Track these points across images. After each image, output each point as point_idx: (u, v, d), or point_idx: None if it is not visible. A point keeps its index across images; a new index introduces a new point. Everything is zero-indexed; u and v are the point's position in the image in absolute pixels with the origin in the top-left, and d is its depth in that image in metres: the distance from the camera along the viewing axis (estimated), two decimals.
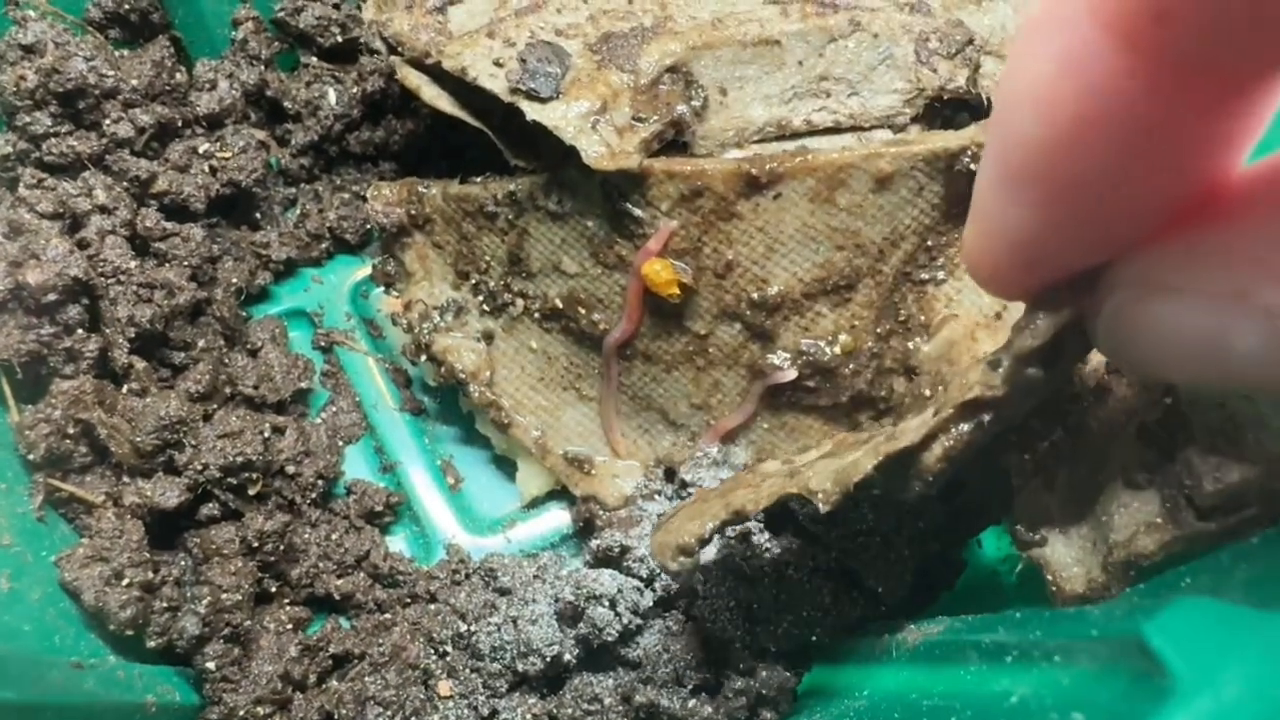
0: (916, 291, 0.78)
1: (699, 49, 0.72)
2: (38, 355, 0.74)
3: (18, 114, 0.81)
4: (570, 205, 0.79)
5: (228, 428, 0.78)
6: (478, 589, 0.81)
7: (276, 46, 0.96)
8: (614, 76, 0.73)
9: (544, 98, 0.73)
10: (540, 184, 0.79)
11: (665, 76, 0.72)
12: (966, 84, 0.79)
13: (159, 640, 0.72)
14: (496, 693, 0.76)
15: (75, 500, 0.75)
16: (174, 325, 0.82)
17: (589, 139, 0.71)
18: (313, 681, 0.76)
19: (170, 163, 0.85)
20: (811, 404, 0.79)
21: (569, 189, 0.78)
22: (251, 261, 0.91)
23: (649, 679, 0.74)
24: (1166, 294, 0.35)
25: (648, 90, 0.72)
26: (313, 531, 0.82)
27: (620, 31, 0.76)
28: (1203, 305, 0.34)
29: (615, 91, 0.72)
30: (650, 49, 0.74)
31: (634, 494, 0.83)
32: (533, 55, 0.74)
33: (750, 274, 0.75)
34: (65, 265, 0.74)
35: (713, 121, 0.75)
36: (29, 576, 0.67)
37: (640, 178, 0.72)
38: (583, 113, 0.72)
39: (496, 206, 0.82)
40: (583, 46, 0.75)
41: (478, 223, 0.84)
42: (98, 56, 0.83)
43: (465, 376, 0.84)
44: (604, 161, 0.71)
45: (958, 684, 0.56)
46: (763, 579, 0.74)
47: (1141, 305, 0.37)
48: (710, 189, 0.72)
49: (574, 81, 0.73)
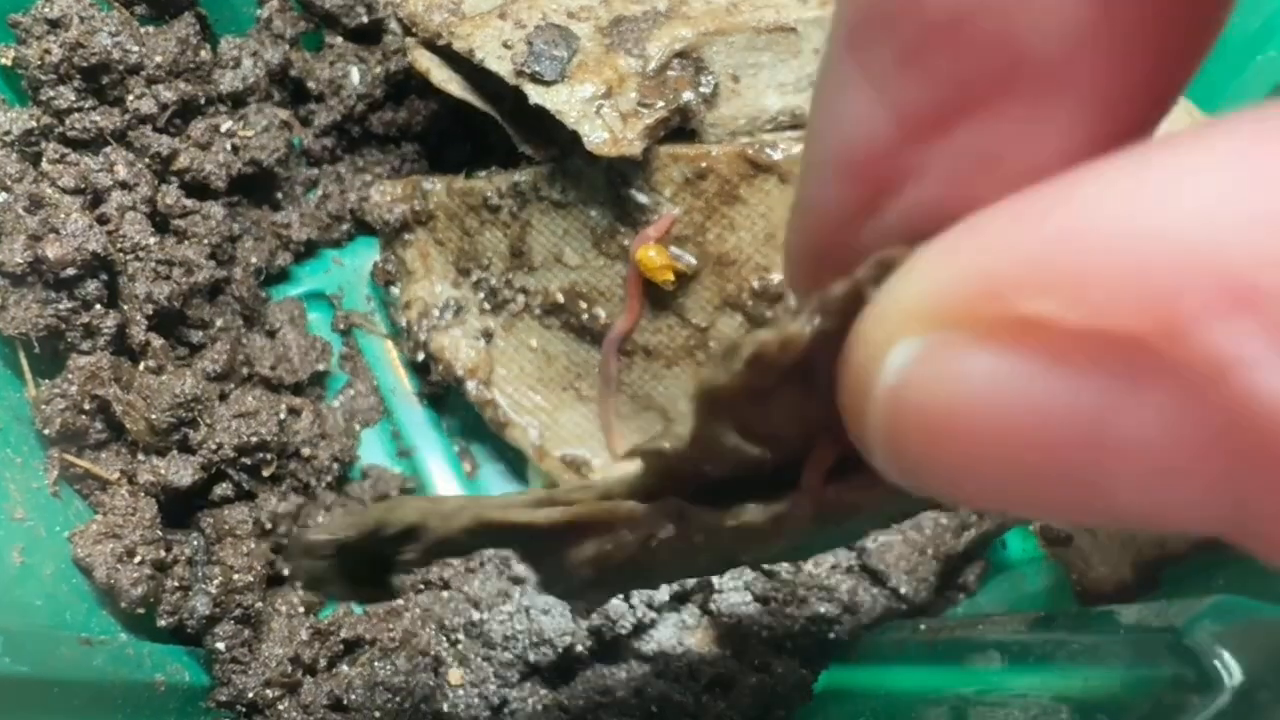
0: None
1: (711, 35, 0.71)
2: (55, 330, 0.74)
3: (42, 88, 0.80)
4: (574, 195, 0.78)
5: (243, 408, 0.77)
6: (492, 577, 0.80)
7: (302, 26, 0.95)
8: (621, 61, 0.72)
9: (548, 81, 0.71)
10: (545, 174, 0.78)
11: (675, 62, 0.71)
12: None
13: (169, 619, 0.71)
14: (507, 682, 0.75)
15: (90, 476, 0.74)
16: (192, 303, 0.81)
17: (592, 124, 0.70)
18: (323, 665, 0.76)
19: (192, 140, 0.85)
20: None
21: (573, 178, 0.77)
22: (272, 242, 0.90)
23: (662, 673, 0.73)
24: (1007, 335, 0.18)
25: (656, 76, 0.71)
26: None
27: (633, 15, 0.75)
28: (1086, 365, 0.17)
29: (622, 76, 0.71)
30: (660, 34, 0.73)
31: None
32: (540, 38, 0.73)
33: (753, 262, 0.73)
34: (85, 240, 0.74)
35: (724, 109, 0.73)
36: (41, 551, 0.67)
37: (644, 162, 0.71)
38: (587, 97, 0.71)
39: (500, 199, 0.81)
40: (593, 30, 0.74)
41: (481, 217, 0.83)
42: (123, 32, 0.82)
43: (463, 374, 0.83)
44: (606, 147, 0.70)
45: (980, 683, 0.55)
46: (780, 572, 0.73)
47: (954, 355, 0.19)
48: (714, 171, 0.71)
49: (580, 65, 0.72)
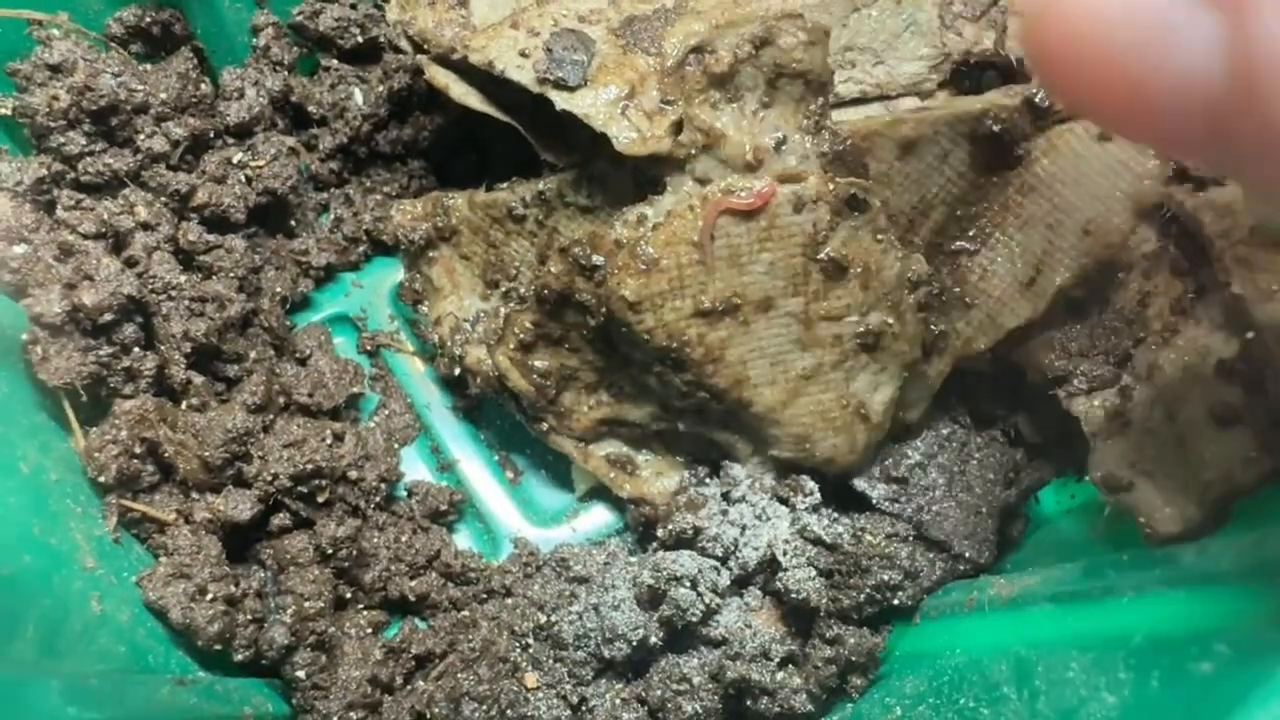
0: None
1: (722, 27, 0.72)
2: (98, 376, 0.73)
3: (50, 135, 0.80)
4: (600, 198, 0.79)
5: (291, 437, 0.77)
6: (551, 580, 0.81)
7: (297, 51, 0.95)
8: (640, 60, 0.73)
9: (572, 86, 0.72)
10: (569, 180, 0.79)
11: (690, 57, 0.72)
12: (995, 46, 0.79)
13: (245, 653, 0.71)
14: (583, 680, 0.76)
15: (147, 520, 0.74)
16: (226, 338, 0.81)
17: (619, 125, 0.71)
18: (399, 683, 0.76)
19: (207, 175, 0.85)
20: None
21: (599, 181, 0.78)
22: (292, 269, 0.90)
23: (737, 655, 0.74)
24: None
25: (674, 72, 0.72)
26: (381, 535, 0.81)
27: (643, 14, 0.76)
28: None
29: (642, 75, 0.72)
30: (674, 30, 0.74)
31: (681, 488, 0.83)
32: (558, 44, 0.74)
33: None
34: (119, 284, 0.73)
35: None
36: (115, 598, 0.66)
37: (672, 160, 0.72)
38: (611, 99, 0.72)
39: (525, 209, 0.82)
40: (606, 31, 0.75)
41: (506, 228, 0.84)
42: (125, 71, 0.82)
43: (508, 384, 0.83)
44: (635, 147, 0.71)
45: (1072, 628, 0.57)
46: (841, 545, 0.75)
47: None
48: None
49: (600, 67, 0.73)
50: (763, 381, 0.75)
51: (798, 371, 0.75)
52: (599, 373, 0.81)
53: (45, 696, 0.52)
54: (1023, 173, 0.75)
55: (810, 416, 0.77)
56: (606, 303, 0.73)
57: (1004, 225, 0.76)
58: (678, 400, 0.78)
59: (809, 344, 0.75)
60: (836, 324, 0.74)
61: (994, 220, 0.76)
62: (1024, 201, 0.75)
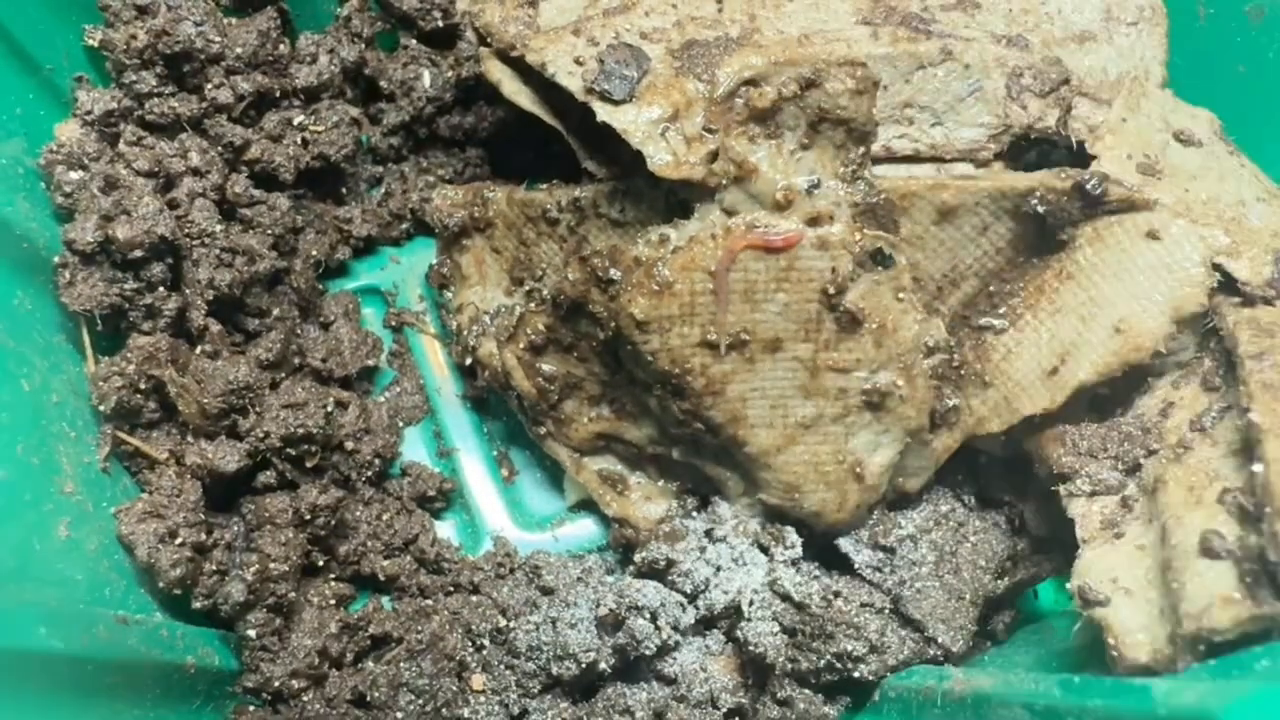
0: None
1: (781, 65, 0.71)
2: (118, 309, 0.76)
3: (125, 71, 0.82)
4: (632, 214, 0.78)
5: (293, 398, 0.78)
6: (521, 585, 0.81)
7: (379, 25, 0.97)
8: (690, 85, 0.72)
9: (617, 100, 0.72)
10: (606, 192, 0.79)
11: (742, 89, 0.71)
12: (1056, 125, 0.76)
13: (204, 602, 0.73)
14: (529, 693, 0.76)
15: (139, 455, 0.76)
16: (252, 292, 0.83)
17: (656, 145, 0.70)
18: (349, 660, 0.76)
19: (264, 131, 0.86)
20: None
21: (633, 197, 0.78)
22: (333, 235, 0.92)
23: (683, 697, 0.73)
24: None
25: (723, 102, 0.71)
26: (365, 509, 0.82)
27: (704, 40, 0.75)
28: None
29: (689, 100, 0.71)
30: (731, 61, 0.73)
31: (666, 517, 0.82)
32: (611, 57, 0.73)
33: None
34: (154, 223, 0.76)
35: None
36: (87, 526, 0.68)
37: (704, 188, 0.71)
38: (654, 118, 0.71)
39: (560, 213, 0.82)
40: (664, 52, 0.75)
41: (539, 228, 0.84)
42: (207, 22, 0.84)
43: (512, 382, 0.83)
44: (669, 169, 0.70)
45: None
46: (810, 605, 0.73)
47: None
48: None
49: (649, 86, 0.72)
50: (760, 423, 0.74)
51: (797, 418, 0.73)
52: (603, 386, 0.80)
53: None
54: (1064, 258, 0.72)
55: (803, 466, 0.75)
56: (616, 318, 0.73)
57: (1036, 308, 0.73)
58: (674, 427, 0.77)
59: (812, 392, 0.73)
60: (844, 376, 0.72)
61: (1027, 301, 0.73)
62: (1060, 288, 0.72)
